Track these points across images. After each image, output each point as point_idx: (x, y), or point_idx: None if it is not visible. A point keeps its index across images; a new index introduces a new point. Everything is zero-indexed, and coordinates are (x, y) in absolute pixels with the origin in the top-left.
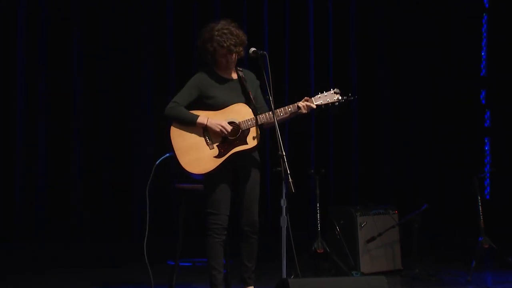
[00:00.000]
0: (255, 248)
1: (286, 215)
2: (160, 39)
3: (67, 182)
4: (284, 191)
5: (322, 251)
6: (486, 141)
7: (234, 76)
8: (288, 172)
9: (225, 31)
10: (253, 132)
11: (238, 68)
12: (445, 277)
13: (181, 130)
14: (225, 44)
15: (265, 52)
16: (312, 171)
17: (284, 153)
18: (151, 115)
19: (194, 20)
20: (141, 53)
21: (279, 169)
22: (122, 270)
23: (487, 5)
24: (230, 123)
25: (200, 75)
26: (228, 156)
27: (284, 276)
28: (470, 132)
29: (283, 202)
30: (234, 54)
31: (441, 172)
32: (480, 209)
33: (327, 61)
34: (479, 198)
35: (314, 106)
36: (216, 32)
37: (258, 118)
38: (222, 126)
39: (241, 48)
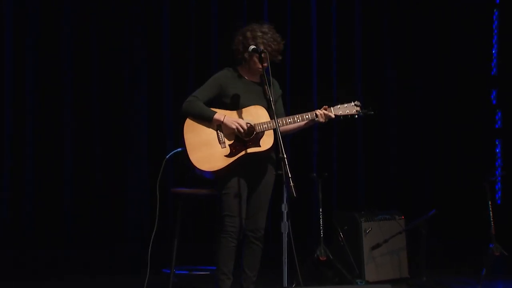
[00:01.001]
0: (258, 256)
1: (287, 220)
2: (155, 38)
3: (57, 184)
4: (285, 195)
5: (325, 258)
6: (497, 143)
7: (258, 80)
8: (289, 175)
9: (270, 35)
10: (267, 135)
11: (264, 74)
12: (454, 285)
13: (195, 125)
14: (269, 48)
15: (265, 50)
16: (315, 174)
17: (285, 156)
18: (146, 114)
19: (191, 20)
20: (135, 51)
21: (280, 172)
22: (116, 277)
23: (497, 0)
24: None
25: (223, 73)
26: (239, 157)
27: (285, 285)
28: (480, 134)
29: (284, 207)
30: (268, 61)
31: (449, 175)
32: (491, 214)
33: (331, 58)
34: (489, 203)
35: (333, 116)
36: (260, 34)
37: (274, 122)
38: (238, 124)
39: (279, 58)
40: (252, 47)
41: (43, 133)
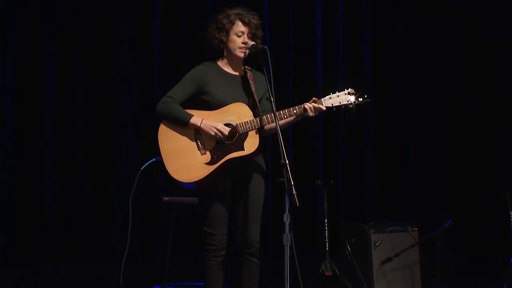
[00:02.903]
0: (255, 273)
1: (289, 232)
2: (146, 39)
3: (38, 194)
4: (287, 205)
5: (331, 273)
6: None
7: (240, 73)
8: (292, 183)
9: (244, 11)
10: (251, 136)
11: (247, 67)
12: None
13: (170, 131)
14: (246, 19)
15: (265, 47)
16: (320, 182)
17: (287, 162)
18: (135, 119)
19: (184, 19)
20: (123, 54)
21: (282, 179)
22: None
23: None
24: (226, 125)
25: (200, 67)
26: (221, 164)
27: None
28: (501, 138)
29: (286, 218)
30: (248, 34)
31: (467, 184)
32: None
33: (337, 56)
34: (511, 213)
35: (324, 108)
36: (234, 11)
37: (258, 120)
38: (217, 130)
39: (257, 32)
40: (252, 43)
41: (23, 139)
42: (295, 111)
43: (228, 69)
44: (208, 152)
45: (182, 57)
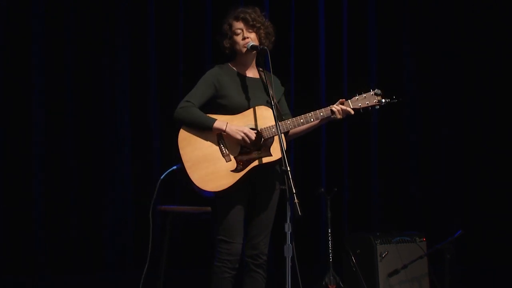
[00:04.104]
0: (261, 285)
1: (291, 243)
2: (140, 37)
3: (26, 200)
4: (288, 214)
5: (334, 286)
6: None
7: (255, 75)
8: (294, 191)
9: (244, 8)
10: (277, 141)
11: (260, 69)
12: None
13: (192, 137)
14: (241, 15)
15: (265, 47)
16: (323, 189)
17: (289, 168)
18: (129, 123)
19: (181, 15)
20: (117, 53)
21: (283, 187)
22: None
23: None
24: (251, 129)
25: (215, 70)
26: (248, 171)
27: None
28: None
29: (288, 228)
30: (252, 31)
31: (479, 190)
32: None
33: (340, 54)
34: None
35: (352, 112)
36: (230, 14)
37: (283, 124)
38: (244, 134)
39: (261, 27)
40: (252, 43)
41: (11, 150)
42: (321, 113)
43: (243, 72)
44: (233, 159)
45: (179, 59)
